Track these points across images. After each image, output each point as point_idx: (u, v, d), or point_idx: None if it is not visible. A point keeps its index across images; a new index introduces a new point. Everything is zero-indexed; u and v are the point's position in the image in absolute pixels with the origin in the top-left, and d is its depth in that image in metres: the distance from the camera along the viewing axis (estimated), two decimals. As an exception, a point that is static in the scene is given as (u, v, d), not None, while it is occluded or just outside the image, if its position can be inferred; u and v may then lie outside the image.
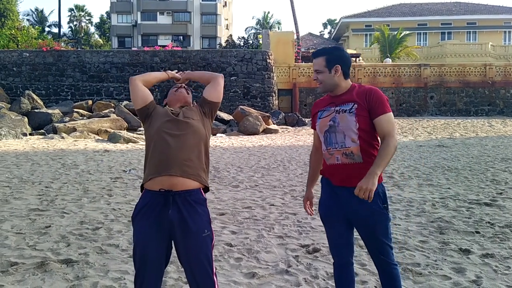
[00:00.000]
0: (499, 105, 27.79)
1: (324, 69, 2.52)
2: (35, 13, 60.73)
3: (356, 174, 2.42)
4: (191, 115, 2.48)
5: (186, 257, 2.36)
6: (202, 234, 2.35)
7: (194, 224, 2.33)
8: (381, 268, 2.59)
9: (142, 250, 2.34)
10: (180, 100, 2.57)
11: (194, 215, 2.34)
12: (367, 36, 43.54)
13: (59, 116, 20.36)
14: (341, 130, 2.47)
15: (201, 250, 2.35)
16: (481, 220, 5.11)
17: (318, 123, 2.59)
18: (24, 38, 30.09)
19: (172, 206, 2.31)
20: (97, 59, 24.93)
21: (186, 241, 2.33)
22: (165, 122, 2.41)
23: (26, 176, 8.33)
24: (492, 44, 37.74)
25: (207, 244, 2.38)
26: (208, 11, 52.15)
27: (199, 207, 2.38)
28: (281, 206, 5.99)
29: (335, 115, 2.50)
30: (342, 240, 2.59)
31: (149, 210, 2.35)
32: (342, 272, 2.62)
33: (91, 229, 4.83)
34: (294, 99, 27.15)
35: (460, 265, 3.72)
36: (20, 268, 3.66)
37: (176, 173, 2.31)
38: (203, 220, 2.38)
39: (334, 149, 2.50)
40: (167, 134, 2.36)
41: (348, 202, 2.48)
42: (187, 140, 2.38)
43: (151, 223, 2.33)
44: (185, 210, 2.32)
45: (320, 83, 2.57)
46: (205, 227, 2.38)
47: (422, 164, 9.94)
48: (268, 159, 11.25)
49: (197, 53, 25.67)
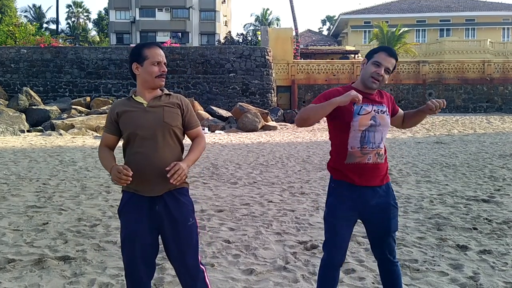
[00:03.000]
0: (498, 102, 27.82)
1: (391, 71, 2.54)
2: (33, 9, 60.51)
3: (379, 173, 2.52)
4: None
5: (176, 247, 2.38)
6: (188, 223, 2.39)
7: (180, 215, 2.37)
8: (384, 266, 2.61)
9: (131, 244, 2.36)
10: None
11: (180, 206, 2.38)
12: (366, 33, 43.49)
13: (57, 113, 20.34)
14: (380, 130, 2.49)
15: (191, 238, 2.40)
16: (479, 217, 5.12)
17: (357, 118, 2.46)
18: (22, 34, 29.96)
19: (158, 200, 2.35)
20: (95, 55, 24.87)
21: (175, 231, 2.36)
22: None
23: (23, 173, 8.31)
24: (490, 41, 37.76)
25: (193, 232, 2.42)
26: (206, 7, 51.99)
27: (183, 197, 2.42)
28: (279, 202, 5.99)
29: (376, 114, 2.49)
30: (342, 242, 2.58)
31: (135, 204, 2.37)
32: (330, 273, 2.60)
33: (88, 226, 4.83)
34: (293, 96, 27.13)
35: (458, 262, 3.72)
36: (17, 265, 3.66)
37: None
38: (188, 210, 2.42)
39: (370, 149, 2.48)
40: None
41: (369, 201, 2.51)
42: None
43: (137, 216, 2.36)
44: (170, 202, 2.36)
45: (379, 81, 2.49)
46: (190, 216, 2.42)
47: (420, 160, 9.95)
48: (266, 155, 11.24)
49: (196, 49, 25.62)
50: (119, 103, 2.45)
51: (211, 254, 3.94)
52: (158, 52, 2.38)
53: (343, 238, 2.56)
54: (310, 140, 15.72)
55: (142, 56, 2.36)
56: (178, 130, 2.41)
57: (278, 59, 26.84)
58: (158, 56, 2.36)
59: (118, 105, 2.44)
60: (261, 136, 17.48)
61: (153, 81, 2.37)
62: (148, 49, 2.37)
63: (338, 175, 2.56)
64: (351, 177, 2.50)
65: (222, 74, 24.98)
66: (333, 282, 2.60)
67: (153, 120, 2.33)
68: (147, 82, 2.38)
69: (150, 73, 2.35)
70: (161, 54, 2.39)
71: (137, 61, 2.37)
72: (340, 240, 2.56)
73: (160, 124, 2.33)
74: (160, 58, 2.38)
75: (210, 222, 4.98)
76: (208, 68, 24.90)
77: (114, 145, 2.50)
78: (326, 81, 26.99)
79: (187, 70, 24.68)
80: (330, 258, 2.59)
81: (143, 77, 2.38)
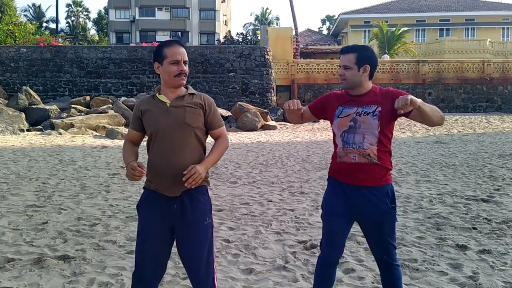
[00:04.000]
0: (497, 102, 27.81)
1: (353, 66, 2.48)
2: (33, 8, 60.43)
3: (369, 174, 2.46)
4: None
5: (189, 246, 2.34)
6: (204, 222, 2.36)
7: (196, 214, 2.34)
8: (383, 267, 2.60)
9: (143, 241, 2.35)
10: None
11: (197, 205, 2.35)
12: (365, 33, 43.48)
13: (57, 112, 20.32)
14: (361, 132, 2.47)
15: (206, 237, 2.36)
16: (478, 216, 5.12)
17: (336, 121, 2.53)
18: (21, 33, 29.91)
19: (176, 200, 2.33)
20: (95, 54, 24.84)
21: (190, 230, 2.33)
22: None
23: (23, 172, 8.31)
24: (490, 41, 37.72)
25: (209, 232, 2.39)
26: (206, 7, 51.95)
27: (201, 196, 2.38)
28: (279, 202, 5.99)
29: (356, 116, 2.48)
30: (338, 240, 2.58)
31: (152, 202, 2.37)
32: (327, 271, 2.60)
33: (88, 225, 4.82)
34: (292, 96, 27.10)
35: (457, 261, 3.72)
36: (17, 264, 3.65)
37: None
38: (205, 209, 2.38)
39: (351, 149, 2.48)
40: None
41: (357, 201, 2.50)
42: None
43: (152, 215, 2.35)
44: (188, 201, 2.33)
45: (344, 79, 2.52)
46: (207, 215, 2.38)
47: (420, 160, 9.95)
48: (266, 155, 11.24)
49: (196, 49, 25.59)
50: (144, 100, 2.45)
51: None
52: (177, 51, 2.33)
53: (339, 235, 2.56)
54: (310, 140, 15.72)
55: (161, 55, 2.34)
56: (200, 131, 2.38)
57: (278, 59, 26.82)
58: (176, 55, 2.32)
59: (142, 102, 2.44)
60: (261, 135, 17.48)
61: (172, 80, 2.34)
62: (167, 48, 2.34)
63: (332, 173, 2.63)
64: (339, 174, 2.56)
65: (222, 73, 24.97)
66: (330, 281, 2.60)
67: (174, 121, 2.31)
68: (167, 81, 2.37)
69: (169, 73, 2.33)
70: (181, 52, 2.33)
71: (158, 60, 2.36)
72: (335, 238, 2.57)
73: (181, 125, 2.31)
74: (179, 57, 2.33)
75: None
76: (207, 67, 24.89)
77: (138, 141, 2.50)
78: (325, 81, 26.97)
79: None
80: (326, 256, 2.60)
81: (164, 77, 2.37)
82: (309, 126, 21.22)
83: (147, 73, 24.77)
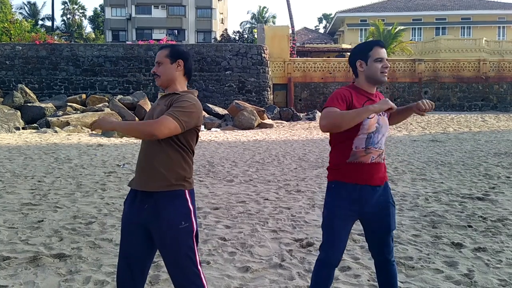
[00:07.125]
0: (493, 100, 27.94)
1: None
2: (28, 6, 60.16)
3: (379, 173, 2.54)
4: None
5: (161, 250, 2.31)
6: (179, 226, 2.27)
7: (168, 217, 2.26)
8: (380, 265, 2.62)
9: (122, 238, 2.36)
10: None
11: (170, 208, 2.27)
12: (362, 31, 43.51)
13: (53, 110, 20.23)
14: (382, 132, 2.52)
15: (179, 242, 2.27)
16: (474, 214, 5.15)
17: (366, 122, 2.45)
18: (17, 31, 29.73)
19: (149, 199, 2.30)
20: (91, 52, 24.76)
21: (161, 234, 2.27)
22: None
23: (18, 170, 8.28)
24: (486, 40, 37.84)
25: (185, 236, 2.28)
26: (203, 5, 51.84)
27: (177, 199, 2.30)
28: (275, 200, 6.00)
29: (379, 117, 2.51)
30: (341, 243, 2.57)
31: (130, 198, 2.38)
32: (327, 271, 2.58)
33: (84, 224, 4.81)
34: (289, 94, 27.13)
35: (452, 259, 3.74)
36: (12, 262, 3.64)
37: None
38: (180, 212, 2.28)
39: (374, 149, 2.49)
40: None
41: (369, 199, 2.50)
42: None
43: (128, 211, 2.36)
44: (160, 203, 2.27)
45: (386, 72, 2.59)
46: (183, 219, 2.28)
47: (416, 158, 9.98)
48: (262, 153, 11.24)
49: (192, 47, 25.55)
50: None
51: (207, 252, 3.94)
52: (160, 54, 2.43)
53: (342, 238, 2.55)
54: (306, 138, 15.73)
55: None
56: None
57: (275, 57, 26.82)
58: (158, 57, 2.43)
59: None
60: (257, 134, 17.48)
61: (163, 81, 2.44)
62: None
63: (338, 175, 2.53)
64: (353, 176, 2.48)
65: (218, 71, 24.94)
66: (328, 281, 2.60)
67: (151, 118, 2.37)
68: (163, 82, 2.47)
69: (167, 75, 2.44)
70: (158, 54, 2.43)
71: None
72: (338, 240, 2.55)
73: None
74: (156, 59, 2.43)
75: (206, 220, 4.98)
76: (204, 65, 24.85)
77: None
78: (322, 79, 26.99)
79: (183, 68, 24.59)
80: (327, 257, 2.57)
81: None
82: (305, 124, 21.24)
83: (143, 71, 24.70)
